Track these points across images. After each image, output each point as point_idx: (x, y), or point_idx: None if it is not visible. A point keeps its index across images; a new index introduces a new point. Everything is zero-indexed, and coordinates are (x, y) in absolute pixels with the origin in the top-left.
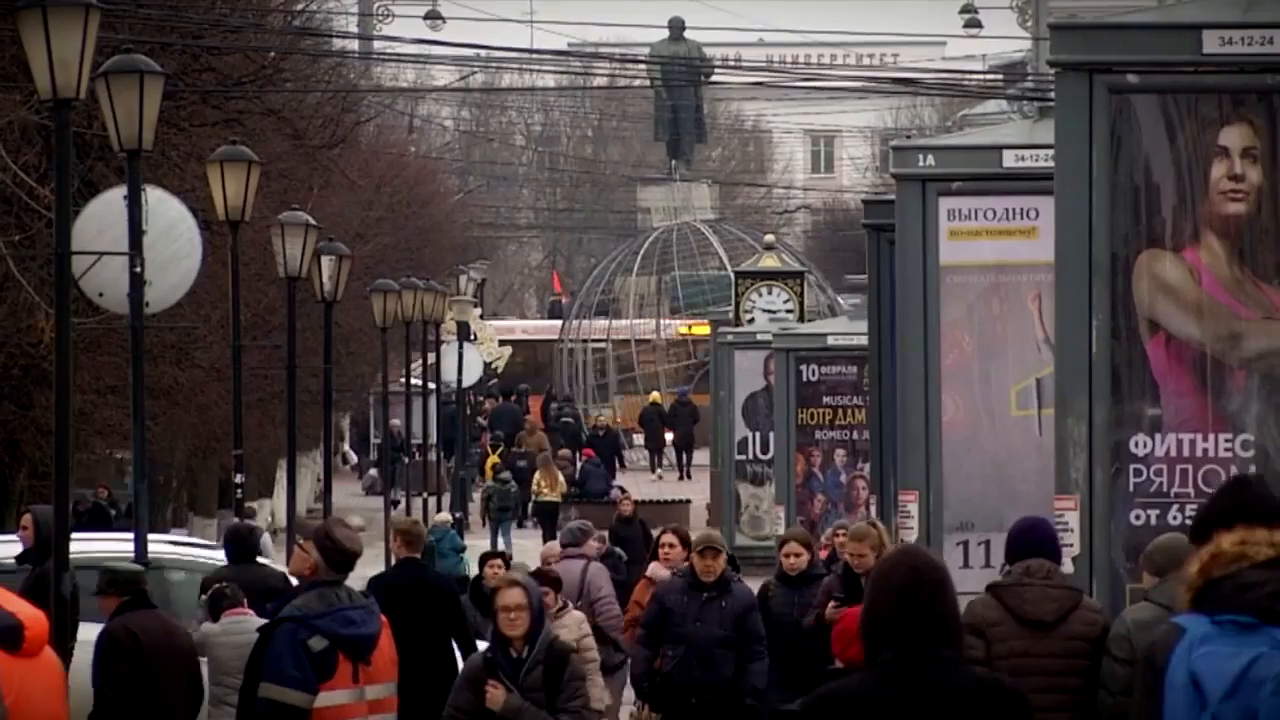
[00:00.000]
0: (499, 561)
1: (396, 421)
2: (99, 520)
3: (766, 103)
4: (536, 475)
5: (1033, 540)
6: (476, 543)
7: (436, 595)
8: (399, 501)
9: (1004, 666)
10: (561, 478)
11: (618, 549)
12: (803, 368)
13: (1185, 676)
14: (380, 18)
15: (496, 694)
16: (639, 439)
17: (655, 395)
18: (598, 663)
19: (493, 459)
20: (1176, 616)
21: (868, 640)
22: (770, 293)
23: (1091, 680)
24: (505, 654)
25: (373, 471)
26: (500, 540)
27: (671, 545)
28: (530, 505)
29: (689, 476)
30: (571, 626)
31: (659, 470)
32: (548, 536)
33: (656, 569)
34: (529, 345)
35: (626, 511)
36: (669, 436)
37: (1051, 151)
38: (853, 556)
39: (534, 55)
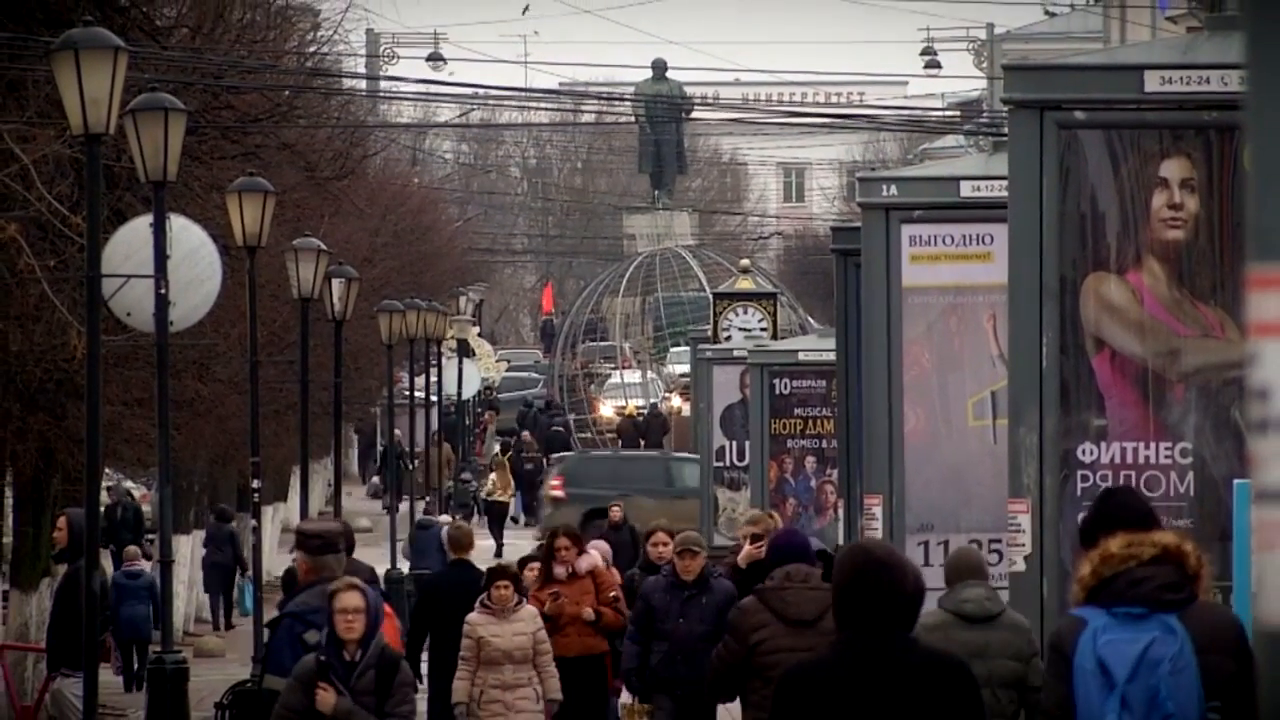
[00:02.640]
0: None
1: (399, 431)
2: (134, 520)
3: (742, 137)
4: (492, 476)
5: (790, 548)
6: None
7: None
8: (399, 506)
9: (773, 661)
10: (512, 481)
11: None
12: (776, 381)
13: (1094, 662)
14: (386, 60)
15: (327, 697)
16: None
17: (631, 407)
18: (550, 654)
19: (500, 462)
20: (1075, 609)
21: (837, 620)
22: (746, 313)
23: None
24: (338, 657)
25: (375, 479)
26: None
27: (665, 543)
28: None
29: None
30: (528, 619)
31: None
32: (495, 535)
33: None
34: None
35: (616, 518)
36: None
37: (1005, 182)
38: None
39: (528, 94)
